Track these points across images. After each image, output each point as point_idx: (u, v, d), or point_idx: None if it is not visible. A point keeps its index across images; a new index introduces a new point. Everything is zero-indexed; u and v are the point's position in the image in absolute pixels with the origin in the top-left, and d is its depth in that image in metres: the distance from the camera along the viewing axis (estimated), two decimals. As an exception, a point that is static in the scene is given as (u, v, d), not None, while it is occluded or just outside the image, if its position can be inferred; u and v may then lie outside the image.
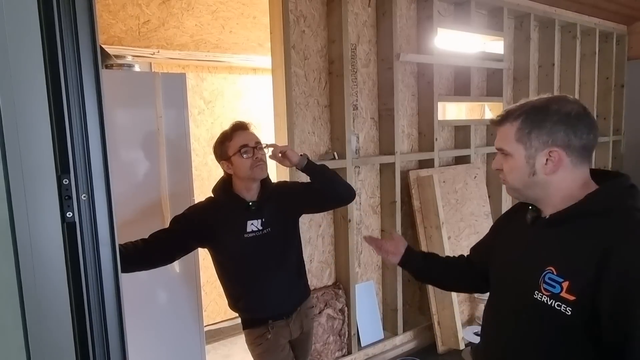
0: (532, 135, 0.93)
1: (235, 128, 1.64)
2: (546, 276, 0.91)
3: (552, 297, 0.89)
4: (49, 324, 0.75)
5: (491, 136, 3.56)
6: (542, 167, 0.93)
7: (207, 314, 3.18)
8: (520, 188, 0.99)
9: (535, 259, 0.96)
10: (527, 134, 0.94)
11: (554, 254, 0.93)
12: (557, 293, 0.88)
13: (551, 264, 0.91)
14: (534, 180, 0.95)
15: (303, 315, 1.78)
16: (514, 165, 0.97)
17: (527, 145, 0.94)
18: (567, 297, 0.87)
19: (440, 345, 2.98)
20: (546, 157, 0.92)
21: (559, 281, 0.89)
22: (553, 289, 0.89)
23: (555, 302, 0.88)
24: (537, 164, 0.94)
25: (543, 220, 0.98)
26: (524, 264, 0.99)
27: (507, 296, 1.04)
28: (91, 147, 0.80)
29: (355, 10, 2.70)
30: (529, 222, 1.02)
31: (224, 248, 1.65)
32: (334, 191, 1.74)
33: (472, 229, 3.25)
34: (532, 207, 1.02)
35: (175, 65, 3.08)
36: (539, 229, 0.99)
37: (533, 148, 0.93)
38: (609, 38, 4.44)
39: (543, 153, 0.93)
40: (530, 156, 0.94)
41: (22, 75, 0.71)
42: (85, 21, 0.78)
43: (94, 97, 0.80)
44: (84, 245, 0.79)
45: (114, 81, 1.95)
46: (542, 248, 0.96)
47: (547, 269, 0.91)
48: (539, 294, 0.92)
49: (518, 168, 0.96)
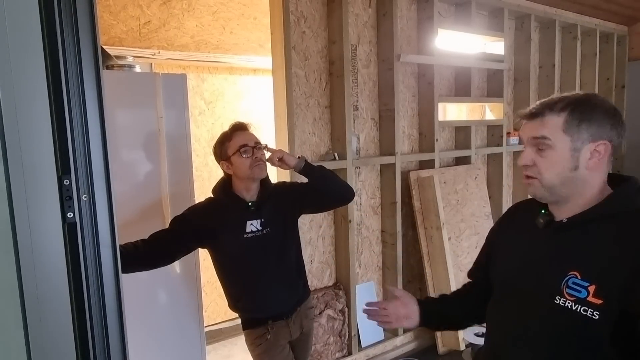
0: (582, 127, 0.89)
1: (234, 129, 1.66)
2: (569, 281, 0.89)
3: (577, 302, 0.87)
4: (49, 324, 0.75)
5: (492, 137, 3.56)
6: (586, 162, 0.90)
7: (208, 314, 3.18)
8: (556, 184, 0.92)
9: (554, 264, 0.93)
10: (576, 125, 0.89)
11: (577, 258, 0.90)
12: (584, 298, 0.86)
13: (574, 268, 0.89)
14: (574, 175, 0.91)
15: (303, 315, 1.78)
16: (555, 158, 0.91)
17: (575, 137, 0.89)
18: (594, 301, 0.84)
19: (440, 346, 2.98)
20: (591, 151, 0.90)
21: (584, 285, 0.86)
22: (579, 293, 0.87)
23: (581, 307, 0.86)
24: (582, 158, 0.90)
25: (559, 224, 0.95)
26: (540, 269, 0.96)
27: (520, 302, 1.00)
28: (92, 148, 0.80)
29: (355, 11, 2.70)
30: (541, 226, 0.98)
31: (223, 248, 1.66)
32: (332, 191, 1.75)
33: (472, 229, 3.25)
34: (544, 211, 0.99)
35: (175, 66, 3.08)
36: (555, 233, 0.96)
37: (580, 140, 0.89)
38: (610, 39, 4.43)
39: (589, 146, 0.89)
40: (576, 149, 0.90)
41: (23, 75, 0.72)
42: (86, 22, 0.78)
43: (95, 97, 0.80)
44: (85, 245, 0.79)
45: (115, 82, 1.95)
46: (561, 253, 0.94)
47: (570, 274, 0.89)
48: (561, 299, 0.89)
49: (560, 161, 0.91)
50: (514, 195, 3.77)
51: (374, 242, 2.96)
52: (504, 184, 3.56)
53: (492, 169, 3.61)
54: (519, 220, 1.10)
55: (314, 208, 1.92)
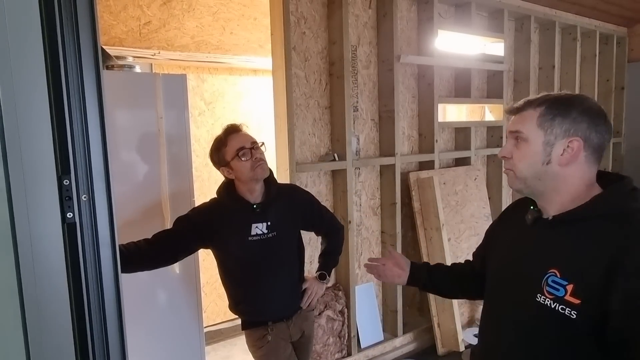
0: (556, 122, 0.91)
1: (228, 132, 1.60)
2: (549, 279, 0.90)
3: (555, 301, 0.88)
4: (48, 325, 0.75)
5: (491, 138, 3.56)
6: (558, 157, 0.91)
7: (207, 315, 3.18)
8: (528, 177, 0.95)
9: (537, 261, 0.94)
10: (550, 119, 0.92)
11: (558, 256, 0.91)
12: (561, 296, 0.87)
13: (554, 266, 0.90)
14: (546, 170, 0.93)
15: (303, 318, 1.78)
16: (528, 151, 0.94)
17: (548, 131, 0.92)
18: (572, 300, 0.85)
19: (440, 347, 2.98)
20: (564, 147, 0.91)
21: (563, 284, 0.87)
22: (557, 292, 0.88)
23: (559, 306, 0.87)
24: (554, 153, 0.92)
25: (545, 221, 0.97)
26: (525, 266, 0.98)
27: (507, 299, 1.02)
28: (92, 148, 0.80)
29: (355, 12, 2.71)
30: (530, 223, 1.00)
31: (227, 250, 1.64)
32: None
33: (472, 230, 3.25)
34: (533, 207, 1.00)
35: (175, 67, 3.09)
36: (541, 230, 0.97)
37: (553, 135, 0.91)
38: (609, 40, 4.44)
39: (562, 142, 0.91)
40: (548, 143, 0.92)
41: (23, 76, 0.72)
42: (87, 22, 0.78)
43: (95, 97, 0.80)
44: (84, 245, 0.79)
45: (115, 82, 1.96)
46: (544, 250, 0.95)
47: (550, 272, 0.90)
48: (541, 297, 0.90)
49: (532, 154, 0.94)
50: (514, 196, 3.76)
51: (373, 243, 2.96)
52: (503, 185, 3.56)
53: (491, 170, 3.61)
54: (514, 217, 1.11)
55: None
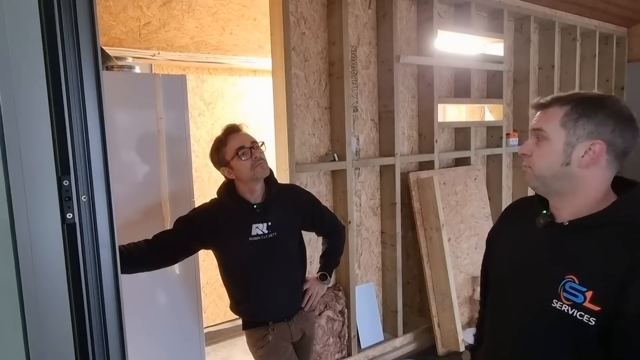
0: (579, 123, 0.89)
1: (228, 132, 1.61)
2: (566, 285, 0.88)
3: (574, 307, 0.86)
4: (48, 325, 0.75)
5: (491, 138, 3.56)
6: (578, 159, 0.89)
7: (207, 315, 3.17)
8: (546, 176, 0.93)
9: (552, 266, 0.93)
10: (574, 120, 0.89)
11: (575, 262, 0.89)
12: (580, 303, 0.85)
13: (572, 272, 0.88)
14: (565, 170, 0.91)
15: (304, 318, 1.78)
16: (549, 150, 0.92)
17: (571, 132, 0.89)
18: (591, 307, 0.84)
19: (440, 347, 2.98)
20: (585, 150, 0.89)
21: (581, 290, 0.86)
22: (575, 298, 0.86)
23: (577, 312, 0.86)
24: (574, 154, 0.89)
25: (559, 225, 0.94)
26: (538, 271, 0.96)
27: (517, 303, 1.00)
28: (91, 148, 0.80)
29: (355, 12, 2.71)
30: (540, 227, 0.98)
31: (228, 251, 1.64)
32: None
33: (472, 230, 3.25)
34: (545, 212, 0.98)
35: (175, 67, 3.09)
36: (554, 235, 0.95)
37: (576, 136, 0.89)
38: (609, 40, 4.44)
39: (584, 144, 0.89)
40: (570, 144, 0.90)
41: (23, 76, 0.72)
42: (86, 23, 0.78)
43: (95, 98, 0.80)
44: (84, 246, 0.79)
45: (115, 82, 1.96)
46: (560, 255, 0.93)
47: (567, 278, 0.88)
48: (558, 302, 0.89)
49: (552, 154, 0.91)
50: (514, 196, 3.77)
51: (373, 243, 2.95)
52: (503, 185, 3.56)
53: (491, 170, 3.61)
54: (517, 220, 1.09)
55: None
